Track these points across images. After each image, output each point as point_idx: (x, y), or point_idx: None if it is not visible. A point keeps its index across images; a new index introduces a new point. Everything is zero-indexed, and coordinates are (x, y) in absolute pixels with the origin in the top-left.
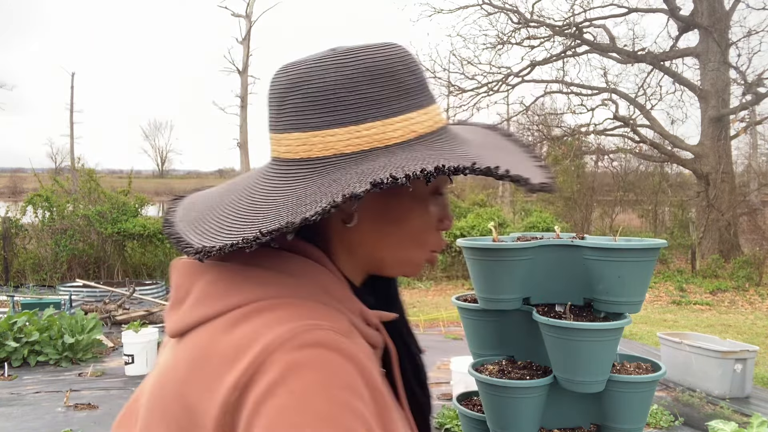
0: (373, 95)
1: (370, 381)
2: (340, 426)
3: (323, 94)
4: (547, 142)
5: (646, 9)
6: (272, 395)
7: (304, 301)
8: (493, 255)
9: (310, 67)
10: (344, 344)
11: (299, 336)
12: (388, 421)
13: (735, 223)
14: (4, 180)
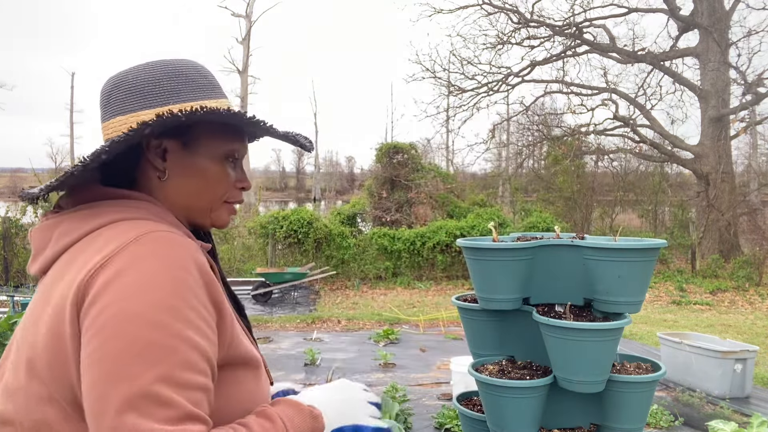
0: (173, 87)
1: (202, 268)
2: (179, 296)
3: (137, 87)
4: (547, 142)
5: (646, 9)
6: (122, 275)
7: (147, 220)
8: (493, 255)
9: (128, 71)
10: (179, 240)
11: (145, 235)
12: (219, 299)
13: (735, 223)
14: (4, 180)
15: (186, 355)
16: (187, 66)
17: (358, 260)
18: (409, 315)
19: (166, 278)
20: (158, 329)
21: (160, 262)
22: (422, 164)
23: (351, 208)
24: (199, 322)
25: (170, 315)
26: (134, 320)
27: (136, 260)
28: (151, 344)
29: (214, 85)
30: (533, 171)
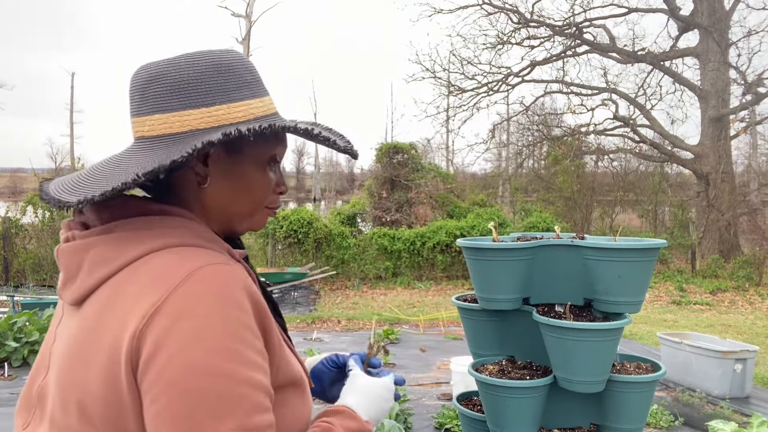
0: (220, 85)
1: (252, 295)
2: (236, 337)
3: (180, 84)
4: (547, 142)
5: (646, 9)
6: (180, 321)
7: (189, 246)
8: (493, 255)
9: (168, 64)
10: (229, 273)
11: (195, 273)
12: (268, 324)
13: (735, 223)
14: (4, 180)
15: (254, 399)
16: (233, 60)
17: (358, 260)
18: (409, 315)
19: (225, 321)
20: (225, 379)
21: (217, 303)
22: (422, 164)
23: (351, 208)
24: (257, 358)
25: (234, 361)
26: (200, 373)
27: (191, 303)
28: (220, 396)
29: (258, 80)
30: (533, 171)
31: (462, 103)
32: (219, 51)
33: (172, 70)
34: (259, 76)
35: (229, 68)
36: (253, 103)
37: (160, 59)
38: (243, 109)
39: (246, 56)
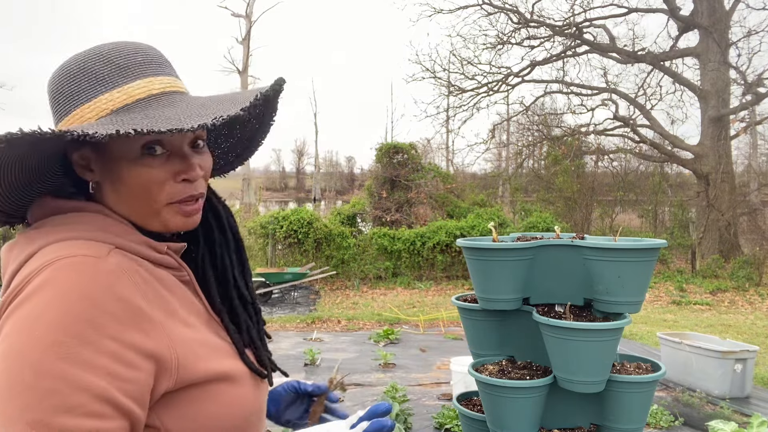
0: (71, 91)
1: (117, 292)
2: (69, 331)
3: (51, 98)
4: (547, 142)
5: (646, 9)
6: (21, 306)
7: (79, 239)
8: (493, 255)
9: (51, 75)
10: (93, 265)
11: (56, 263)
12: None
13: (735, 223)
14: None
15: (69, 399)
16: (92, 56)
17: (358, 260)
18: (409, 315)
19: (63, 313)
20: (36, 370)
21: (60, 292)
22: (422, 164)
23: (351, 208)
24: (97, 358)
25: (54, 353)
26: (16, 358)
27: (37, 289)
28: (27, 386)
29: (123, 67)
30: (533, 171)
31: (462, 103)
32: (86, 50)
33: (50, 82)
34: (125, 62)
35: (82, 68)
36: (108, 96)
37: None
38: (95, 107)
39: (121, 43)
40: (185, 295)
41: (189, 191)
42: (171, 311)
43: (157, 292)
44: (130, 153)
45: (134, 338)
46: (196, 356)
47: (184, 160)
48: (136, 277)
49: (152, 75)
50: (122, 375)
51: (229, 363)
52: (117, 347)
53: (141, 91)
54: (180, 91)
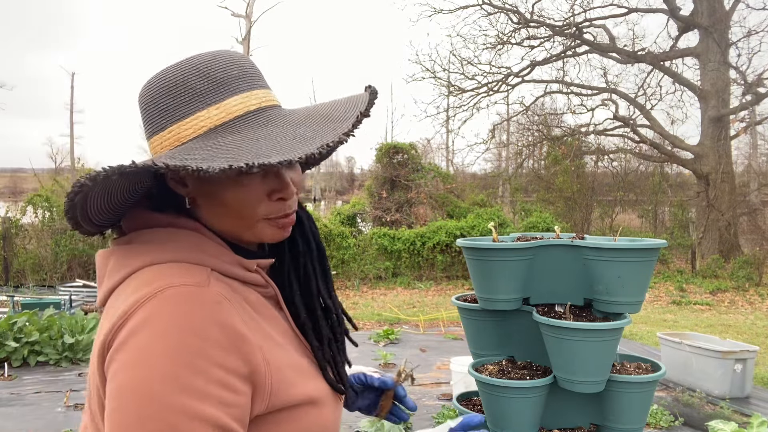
0: (167, 105)
1: (221, 320)
2: (181, 362)
3: (144, 111)
4: (547, 142)
5: (646, 9)
6: (134, 335)
7: (177, 262)
8: (493, 255)
9: (143, 86)
10: (197, 295)
11: (163, 291)
12: (247, 345)
13: (735, 223)
14: (4, 180)
15: (186, 429)
16: (184, 72)
17: (358, 260)
18: (409, 315)
19: (171, 343)
20: (155, 403)
21: (169, 325)
22: (422, 164)
23: (351, 208)
24: (210, 388)
25: (171, 386)
26: (134, 393)
27: (145, 322)
28: (148, 419)
29: (220, 82)
30: (533, 171)
31: (462, 103)
32: (181, 62)
33: (141, 95)
34: (221, 76)
35: (176, 83)
36: (205, 113)
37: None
38: (192, 125)
39: (217, 54)
40: (271, 313)
41: (284, 209)
42: (266, 334)
43: (250, 316)
44: (230, 174)
45: (236, 364)
46: (288, 382)
47: (279, 179)
48: (235, 304)
49: (248, 90)
50: (229, 401)
51: (313, 385)
52: (223, 374)
53: (238, 107)
54: (274, 104)
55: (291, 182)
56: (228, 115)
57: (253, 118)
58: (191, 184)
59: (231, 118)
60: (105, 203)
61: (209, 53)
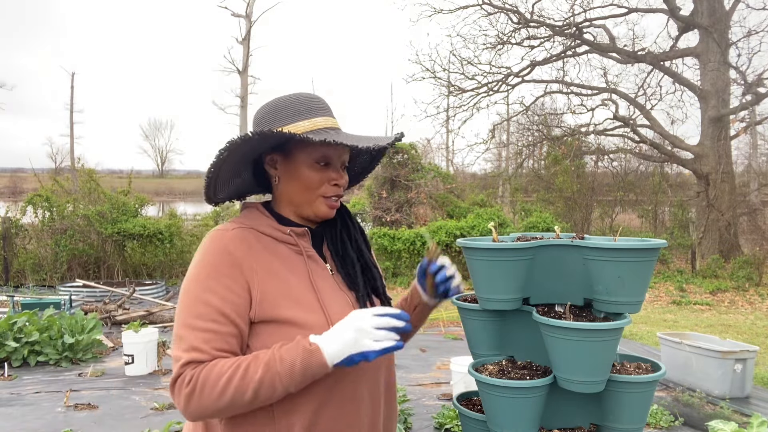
0: (275, 116)
1: (230, 249)
2: (204, 272)
3: (258, 119)
4: (547, 142)
5: (646, 9)
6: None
7: (231, 223)
8: (493, 255)
9: (258, 109)
10: (222, 234)
11: (208, 234)
12: (248, 268)
13: (735, 223)
14: (4, 180)
15: (198, 309)
16: (292, 98)
17: None
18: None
19: (203, 261)
20: (190, 293)
21: (203, 250)
22: (422, 164)
23: (351, 208)
24: (218, 288)
25: (197, 285)
26: (183, 287)
27: (197, 251)
28: (185, 303)
29: (311, 108)
30: (533, 171)
31: (462, 103)
32: (289, 94)
33: (257, 113)
34: (313, 105)
35: (285, 104)
36: (301, 123)
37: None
38: (290, 128)
39: (306, 93)
40: (292, 261)
41: (336, 192)
42: (272, 269)
43: (264, 255)
44: (307, 160)
45: (237, 277)
46: (274, 303)
47: (337, 172)
48: (246, 242)
49: (326, 115)
50: (230, 298)
51: (304, 315)
52: (228, 281)
53: (321, 124)
54: (340, 128)
55: (343, 178)
56: (314, 126)
57: (328, 130)
58: (280, 167)
59: (316, 128)
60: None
61: (307, 93)
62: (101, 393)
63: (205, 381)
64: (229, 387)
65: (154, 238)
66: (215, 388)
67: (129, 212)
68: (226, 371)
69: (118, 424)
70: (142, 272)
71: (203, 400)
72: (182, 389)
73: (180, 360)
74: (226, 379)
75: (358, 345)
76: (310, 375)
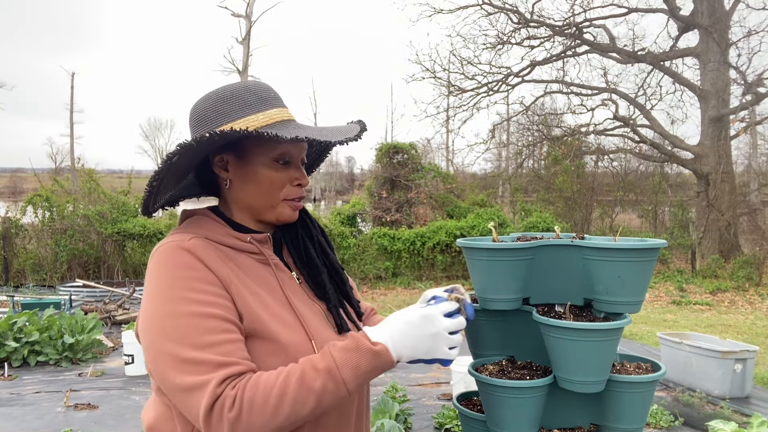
0: (224, 109)
1: (199, 256)
2: (176, 286)
3: (200, 115)
4: (547, 142)
5: (646, 9)
6: (147, 277)
7: (181, 233)
8: (493, 255)
9: (197, 102)
10: (176, 245)
11: (158, 249)
12: (222, 273)
13: (735, 223)
14: (4, 180)
15: (202, 325)
16: (238, 87)
17: (358, 260)
18: None
19: (174, 277)
20: (178, 316)
21: (169, 267)
22: (422, 164)
23: (351, 208)
24: (209, 298)
25: (181, 304)
26: (160, 313)
27: (148, 271)
28: (178, 327)
29: (263, 98)
30: (533, 171)
31: (462, 103)
32: (232, 84)
33: (197, 105)
34: (264, 95)
35: (232, 95)
36: (254, 117)
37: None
38: (243, 123)
39: (258, 82)
40: (260, 273)
41: (300, 193)
42: (241, 281)
43: (233, 269)
44: (265, 159)
45: (219, 285)
46: (255, 316)
47: (299, 170)
48: (209, 251)
49: (280, 106)
50: (225, 304)
51: (284, 332)
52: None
53: (277, 116)
54: (294, 119)
55: (305, 176)
56: (270, 120)
57: (287, 123)
58: (232, 169)
59: (272, 122)
60: (172, 182)
61: (251, 80)
62: (101, 393)
63: (252, 400)
64: (284, 401)
65: (154, 238)
66: (266, 405)
67: (129, 212)
68: (275, 384)
69: (118, 424)
70: (142, 272)
71: (253, 421)
72: (225, 414)
73: (209, 383)
74: (278, 393)
75: (432, 352)
76: (372, 376)
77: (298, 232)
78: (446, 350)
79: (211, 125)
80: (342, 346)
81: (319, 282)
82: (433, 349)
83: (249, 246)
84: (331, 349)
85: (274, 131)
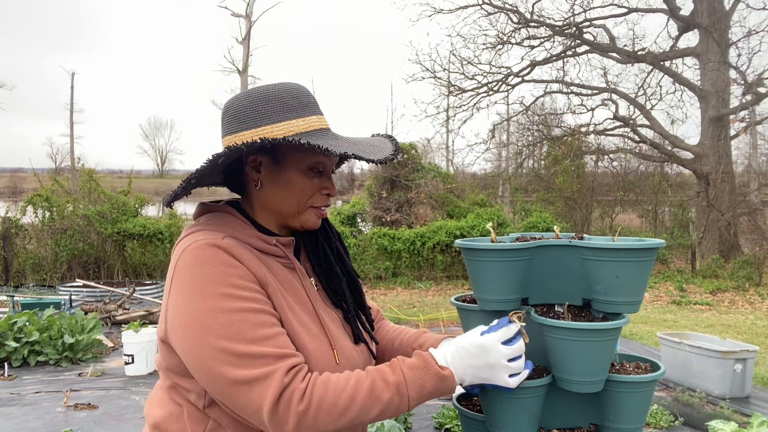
0: (265, 110)
1: (240, 258)
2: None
3: (238, 112)
4: (547, 142)
5: (646, 9)
6: (176, 278)
7: (207, 231)
8: (491, 255)
9: (235, 98)
10: (216, 243)
11: (188, 247)
12: (258, 271)
13: (735, 223)
14: (4, 180)
15: (252, 319)
16: (280, 89)
17: (358, 260)
18: (409, 315)
19: (215, 273)
20: (222, 312)
21: (207, 264)
22: (422, 164)
23: (351, 208)
24: (253, 295)
25: (227, 300)
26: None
27: (179, 266)
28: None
29: (303, 103)
30: (533, 171)
31: (462, 103)
32: (276, 84)
33: (235, 102)
34: (306, 100)
35: (275, 97)
36: (295, 122)
37: (237, 94)
38: (284, 127)
39: (298, 85)
40: (288, 279)
41: (327, 201)
42: (274, 283)
43: (263, 269)
44: (300, 166)
45: (258, 287)
46: (286, 321)
47: (329, 180)
48: (243, 252)
49: (319, 113)
50: (268, 302)
51: (309, 340)
52: (257, 287)
53: (316, 124)
54: (330, 128)
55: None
56: (310, 127)
57: (325, 132)
58: (265, 171)
59: (312, 130)
60: (207, 179)
61: (293, 82)
62: (101, 393)
63: (322, 398)
64: (353, 406)
65: (154, 238)
66: (335, 406)
67: (129, 212)
68: (345, 387)
69: (118, 424)
70: (142, 272)
71: (320, 419)
72: (293, 406)
73: (274, 374)
74: (348, 397)
75: (493, 380)
76: (432, 397)
77: (318, 239)
78: (506, 378)
79: (248, 124)
80: (411, 363)
81: (337, 290)
82: (493, 377)
83: (274, 249)
84: (401, 365)
85: (315, 141)
